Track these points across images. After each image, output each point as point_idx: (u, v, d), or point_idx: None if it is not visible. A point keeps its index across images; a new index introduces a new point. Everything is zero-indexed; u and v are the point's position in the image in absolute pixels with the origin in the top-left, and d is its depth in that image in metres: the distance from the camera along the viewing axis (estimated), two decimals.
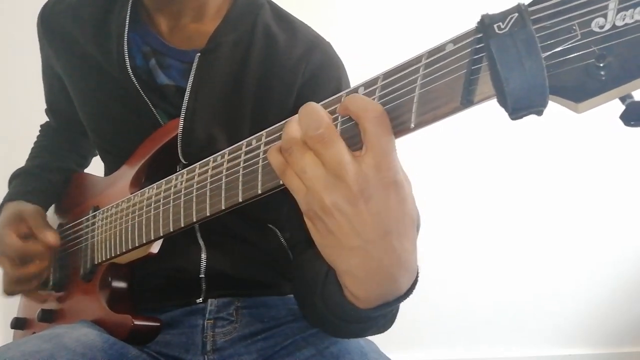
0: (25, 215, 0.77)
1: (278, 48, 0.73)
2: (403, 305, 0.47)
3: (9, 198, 0.83)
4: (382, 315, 0.48)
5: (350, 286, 0.43)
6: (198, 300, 0.74)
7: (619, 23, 0.30)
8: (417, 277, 0.45)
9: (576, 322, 1.94)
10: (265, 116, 0.72)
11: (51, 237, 0.74)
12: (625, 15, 0.30)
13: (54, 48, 0.80)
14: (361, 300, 0.44)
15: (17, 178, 0.87)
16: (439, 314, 1.88)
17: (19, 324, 0.87)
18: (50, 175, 0.88)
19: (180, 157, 0.70)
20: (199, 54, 0.70)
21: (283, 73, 0.72)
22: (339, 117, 0.41)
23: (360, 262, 0.40)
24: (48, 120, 0.98)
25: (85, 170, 0.96)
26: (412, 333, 1.87)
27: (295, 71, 0.72)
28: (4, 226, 0.77)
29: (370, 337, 0.69)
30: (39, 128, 0.99)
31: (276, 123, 0.46)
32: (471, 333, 1.90)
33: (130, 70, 0.71)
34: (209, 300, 0.74)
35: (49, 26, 0.80)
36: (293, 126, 0.40)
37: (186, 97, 0.70)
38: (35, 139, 0.97)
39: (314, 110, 0.39)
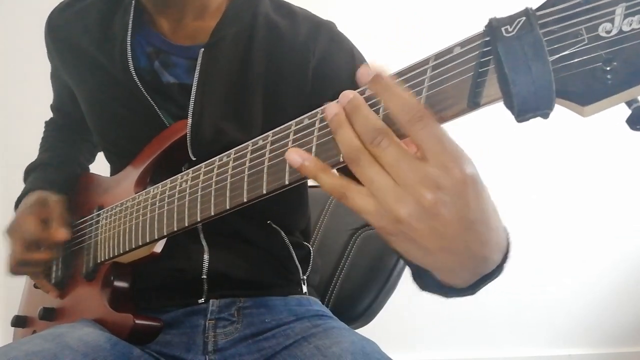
0: (49, 202, 0.79)
1: (281, 33, 0.73)
2: (404, 307, 0.48)
3: (30, 187, 0.83)
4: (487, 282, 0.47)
5: (445, 279, 0.44)
6: (200, 301, 0.74)
7: (625, 28, 0.30)
8: (508, 240, 0.44)
9: (576, 322, 1.94)
10: (279, 101, 0.72)
11: (59, 234, 0.76)
12: (632, 20, 0.30)
13: (62, 57, 0.81)
14: (459, 284, 0.45)
15: (36, 170, 0.88)
16: (439, 315, 1.87)
17: (19, 321, 0.87)
18: (68, 168, 0.90)
19: (190, 153, 0.70)
20: (202, 49, 0.71)
21: (291, 55, 0.72)
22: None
23: (451, 257, 0.39)
24: (53, 116, 0.99)
25: (90, 170, 0.96)
26: (413, 333, 1.87)
27: (305, 51, 0.72)
28: (26, 210, 0.78)
29: (371, 338, 0.69)
30: (44, 124, 0.99)
31: (293, 106, 0.45)
32: (471, 333, 1.90)
33: (133, 72, 0.72)
34: (211, 301, 0.74)
35: (56, 35, 0.81)
36: (349, 134, 0.39)
37: (193, 92, 0.70)
38: (42, 134, 0.98)
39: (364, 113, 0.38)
